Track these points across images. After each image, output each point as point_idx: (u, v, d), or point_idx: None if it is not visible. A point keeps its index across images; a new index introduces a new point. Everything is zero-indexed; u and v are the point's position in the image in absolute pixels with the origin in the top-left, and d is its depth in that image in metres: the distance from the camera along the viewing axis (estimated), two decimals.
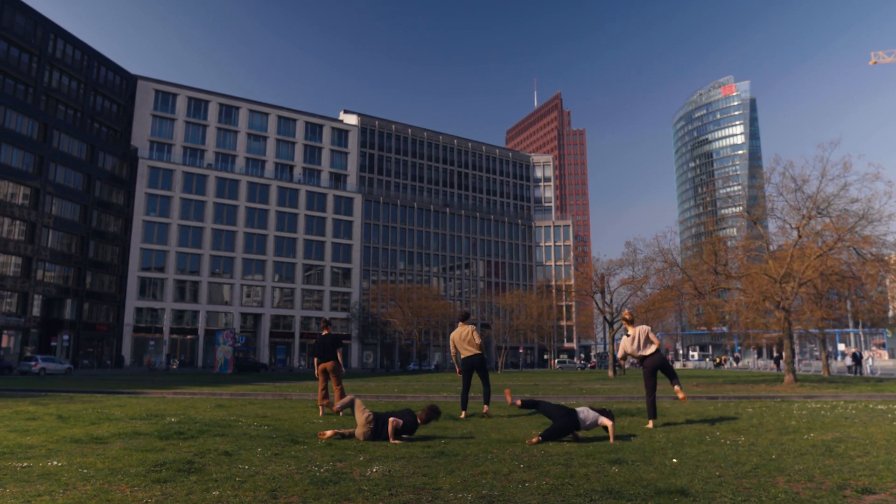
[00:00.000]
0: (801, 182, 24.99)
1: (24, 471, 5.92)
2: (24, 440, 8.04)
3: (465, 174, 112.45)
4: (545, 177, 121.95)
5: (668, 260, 28.95)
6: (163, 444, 7.66)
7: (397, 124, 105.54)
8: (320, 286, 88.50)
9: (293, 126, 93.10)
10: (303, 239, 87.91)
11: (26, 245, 59.97)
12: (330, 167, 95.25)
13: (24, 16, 63.53)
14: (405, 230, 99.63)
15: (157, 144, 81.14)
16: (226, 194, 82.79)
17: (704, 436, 8.59)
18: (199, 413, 12.11)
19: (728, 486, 5.22)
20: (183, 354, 76.52)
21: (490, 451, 7.22)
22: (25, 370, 43.79)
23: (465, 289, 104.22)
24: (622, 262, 38.42)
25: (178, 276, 77.67)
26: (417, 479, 5.58)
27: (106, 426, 9.69)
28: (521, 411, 12.85)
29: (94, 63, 72.71)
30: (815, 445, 7.65)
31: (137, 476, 5.64)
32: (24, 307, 59.71)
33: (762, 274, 25.62)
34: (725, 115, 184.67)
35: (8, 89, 61.55)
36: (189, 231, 79.51)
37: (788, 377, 25.71)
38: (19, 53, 63.11)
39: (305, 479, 5.55)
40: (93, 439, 8.08)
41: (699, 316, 34.16)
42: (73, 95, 69.62)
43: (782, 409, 13.27)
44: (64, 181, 64.69)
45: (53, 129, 63.51)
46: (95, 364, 67.00)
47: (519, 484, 5.35)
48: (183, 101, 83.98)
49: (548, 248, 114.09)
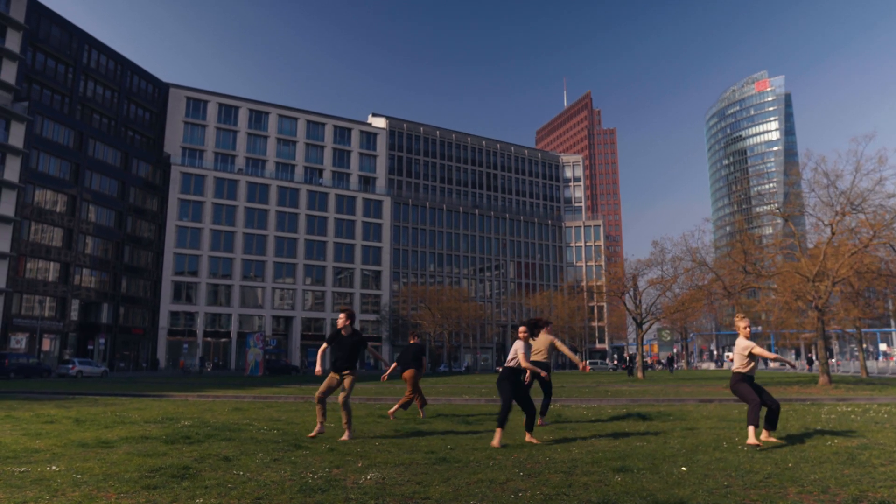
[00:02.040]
0: (833, 177, 24.22)
1: (20, 476, 5.92)
2: (33, 444, 8.09)
3: (494, 175, 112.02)
4: (575, 177, 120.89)
5: (696, 259, 28.33)
6: (166, 449, 7.63)
7: (426, 126, 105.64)
8: (350, 289, 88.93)
9: (322, 130, 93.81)
10: (333, 242, 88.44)
11: (64, 251, 61.36)
12: (359, 170, 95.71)
13: (60, 28, 65.10)
14: (434, 232, 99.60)
15: (189, 151, 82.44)
16: (256, 199, 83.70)
17: (721, 441, 8.27)
18: (214, 416, 12.12)
19: (733, 498, 4.95)
20: (216, 357, 77.52)
21: (494, 458, 7.03)
22: (63, 373, 44.79)
23: (495, 290, 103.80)
24: (650, 261, 37.80)
25: (210, 280, 78.75)
26: (409, 487, 5.43)
27: (118, 430, 9.73)
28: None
29: (127, 72, 74.18)
30: (837, 452, 7.29)
31: (129, 482, 5.58)
32: (62, 311, 61.09)
33: (794, 272, 24.86)
34: (760, 111, 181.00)
35: (45, 99, 63.09)
36: (221, 235, 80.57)
37: (823, 379, 24.92)
38: (55, 64, 64.67)
39: (295, 486, 5.44)
40: (100, 443, 8.10)
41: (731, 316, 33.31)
42: (107, 104, 71.10)
43: (810, 412, 12.80)
44: (99, 188, 66.05)
45: (89, 137, 64.90)
46: (131, 367, 68.25)
47: (512, 493, 5.16)
48: (213, 107, 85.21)
49: (578, 248, 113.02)
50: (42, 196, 59.65)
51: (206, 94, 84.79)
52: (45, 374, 43.36)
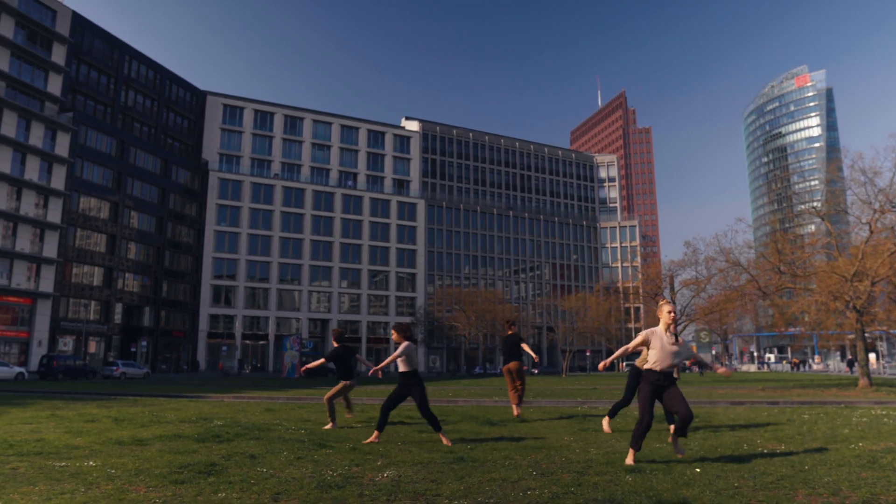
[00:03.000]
0: (871, 174, 23.66)
1: (59, 470, 6.27)
2: (74, 441, 8.49)
3: (528, 176, 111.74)
4: (609, 177, 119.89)
5: (729, 259, 27.92)
6: (196, 447, 7.95)
7: (458, 129, 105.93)
8: (386, 291, 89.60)
9: (356, 134, 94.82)
10: (368, 245, 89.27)
11: (108, 256, 63.23)
12: (393, 174, 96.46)
13: (102, 40, 67.16)
14: (468, 234, 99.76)
15: (226, 157, 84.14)
16: (292, 203, 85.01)
17: (742, 444, 8.27)
18: (246, 417, 12.48)
19: (739, 499, 5.01)
20: (255, 359, 78.89)
21: (511, 458, 7.16)
22: (108, 374, 46.18)
23: (530, 292, 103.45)
24: (683, 262, 37.33)
25: (248, 283, 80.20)
26: (423, 484, 5.61)
27: (153, 429, 10.12)
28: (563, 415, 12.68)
29: (166, 81, 76.11)
30: (859, 456, 7.24)
31: (158, 477, 5.88)
32: (106, 315, 62.94)
33: (831, 272, 24.36)
34: (800, 107, 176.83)
35: (88, 110, 65.12)
36: (258, 239, 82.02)
37: (863, 381, 24.37)
38: (98, 76, 66.73)
39: (314, 482, 5.66)
40: (135, 441, 8.46)
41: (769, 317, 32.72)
42: (147, 113, 73.06)
43: (842, 415, 12.61)
44: (141, 195, 67.91)
45: (130, 145, 66.80)
46: (172, 368, 69.92)
47: (521, 492, 5.30)
48: (250, 114, 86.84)
49: (614, 249, 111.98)
50: (86, 203, 61.56)
51: (242, 100, 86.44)
52: (91, 376, 44.73)
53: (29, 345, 54.47)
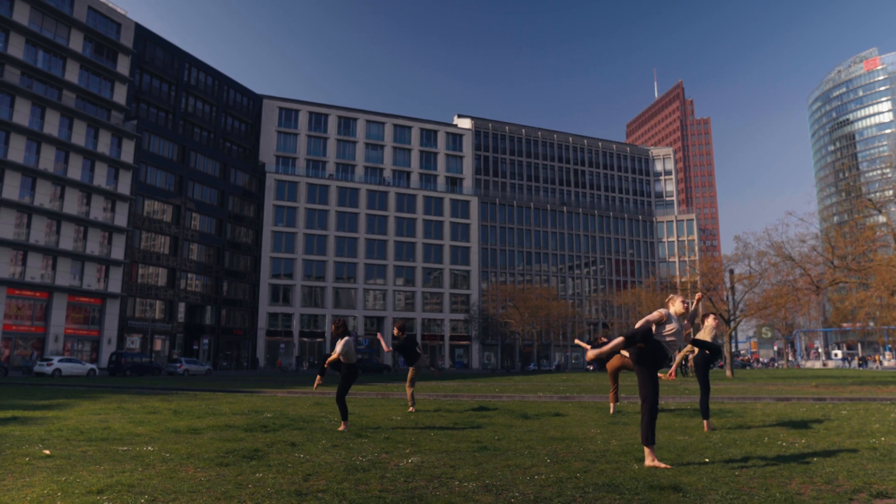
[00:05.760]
0: None
1: (122, 453, 7.05)
2: (136, 430, 9.34)
3: (582, 171, 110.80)
4: (666, 170, 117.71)
5: (781, 254, 27.36)
6: (244, 436, 8.66)
7: (511, 125, 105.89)
8: (440, 288, 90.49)
9: (409, 133, 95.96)
10: (421, 243, 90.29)
11: (171, 257, 66.03)
12: (446, 171, 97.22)
13: (163, 50, 70.04)
14: (522, 231, 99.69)
15: (283, 159, 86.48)
16: (347, 203, 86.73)
17: (763, 437, 8.46)
18: (294, 410, 13.24)
19: (729, 486, 5.31)
20: (312, 356, 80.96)
21: (533, 448, 7.58)
22: (172, 371, 48.42)
23: (585, 288, 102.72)
24: (736, 257, 36.65)
25: (305, 282, 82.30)
26: (441, 469, 6.11)
27: (207, 420, 10.93)
28: (600, 409, 12.97)
29: (224, 87, 78.76)
30: (874, 449, 7.38)
31: (206, 460, 6.57)
32: (170, 314, 65.77)
33: (888, 266, 23.66)
34: (869, 92, 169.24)
35: (151, 117, 68.05)
36: (314, 239, 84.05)
37: None
38: (160, 84, 69.65)
39: (343, 466, 6.24)
40: (190, 430, 9.25)
41: (826, 313, 31.87)
42: (206, 118, 75.82)
43: (882, 412, 12.50)
44: (201, 197, 70.60)
45: (191, 150, 69.52)
46: (233, 366, 72.46)
47: (530, 477, 5.74)
48: (304, 116, 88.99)
49: (671, 243, 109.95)
50: (150, 206, 64.41)
51: (297, 103, 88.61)
52: (157, 372, 46.94)
53: (99, 343, 57.44)
